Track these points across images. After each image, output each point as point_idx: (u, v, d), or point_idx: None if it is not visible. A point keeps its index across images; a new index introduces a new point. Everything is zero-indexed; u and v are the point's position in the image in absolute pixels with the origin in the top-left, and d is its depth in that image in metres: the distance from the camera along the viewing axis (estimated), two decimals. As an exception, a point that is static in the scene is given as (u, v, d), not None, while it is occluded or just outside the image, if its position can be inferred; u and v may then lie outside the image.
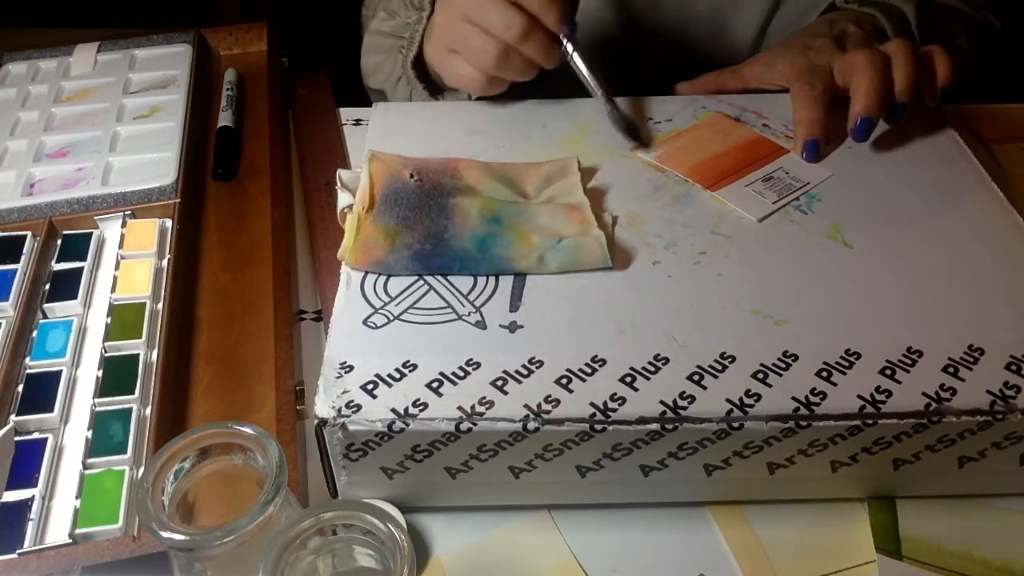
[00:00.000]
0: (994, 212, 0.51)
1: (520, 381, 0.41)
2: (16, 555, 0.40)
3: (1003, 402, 0.40)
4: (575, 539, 0.43)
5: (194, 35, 0.74)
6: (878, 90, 0.53)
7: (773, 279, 0.46)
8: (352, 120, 0.70)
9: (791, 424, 0.39)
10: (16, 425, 0.45)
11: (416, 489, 0.43)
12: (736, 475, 0.42)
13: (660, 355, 0.42)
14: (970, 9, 0.72)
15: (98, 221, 0.57)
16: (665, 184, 0.53)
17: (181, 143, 0.62)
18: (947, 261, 0.47)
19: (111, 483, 0.42)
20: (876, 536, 0.43)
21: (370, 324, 0.44)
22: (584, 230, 0.48)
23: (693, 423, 0.39)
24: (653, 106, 0.60)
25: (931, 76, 0.56)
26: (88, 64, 0.71)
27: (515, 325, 0.44)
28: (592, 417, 0.39)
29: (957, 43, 0.67)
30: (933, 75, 0.56)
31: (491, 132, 0.58)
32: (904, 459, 0.42)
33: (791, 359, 0.42)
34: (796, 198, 0.52)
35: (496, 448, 0.40)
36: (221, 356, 0.51)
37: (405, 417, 0.39)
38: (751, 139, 0.57)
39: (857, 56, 0.55)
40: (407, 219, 0.49)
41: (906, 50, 0.55)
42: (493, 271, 0.46)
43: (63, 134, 0.64)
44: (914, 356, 0.42)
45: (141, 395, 0.46)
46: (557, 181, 0.53)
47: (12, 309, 0.50)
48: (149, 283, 0.52)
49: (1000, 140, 0.68)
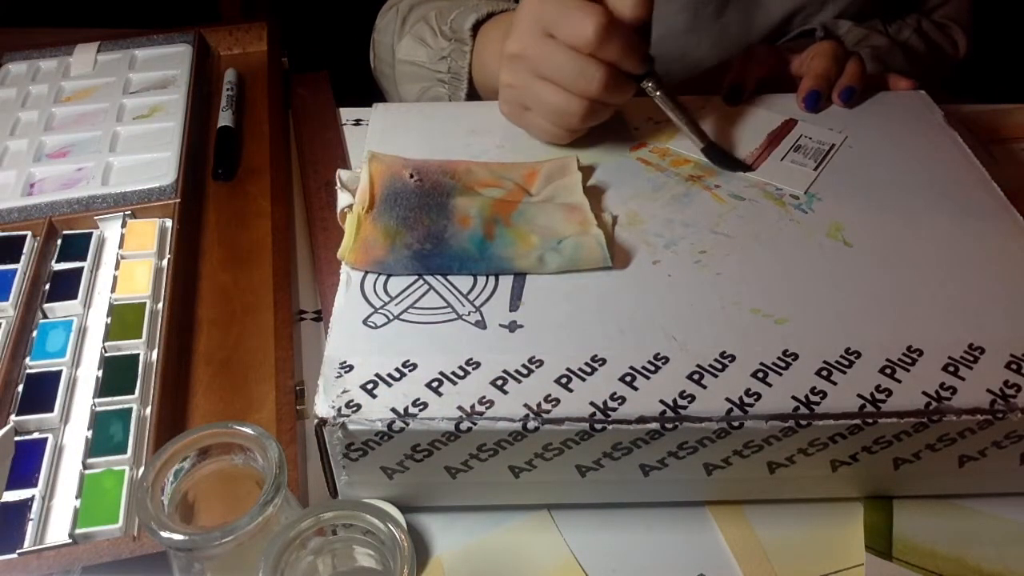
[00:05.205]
0: (994, 212, 0.51)
1: (520, 380, 0.41)
2: (16, 555, 0.40)
3: (1003, 401, 0.40)
4: (575, 539, 0.43)
5: (194, 35, 0.74)
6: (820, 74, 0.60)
7: (773, 278, 0.46)
8: (352, 120, 0.70)
9: (791, 423, 0.39)
10: (16, 425, 0.45)
11: (416, 489, 0.43)
12: (736, 474, 0.42)
13: (660, 354, 0.42)
14: (936, 38, 0.77)
15: (98, 221, 0.57)
16: (665, 183, 0.53)
17: (181, 143, 0.62)
18: (947, 260, 0.47)
19: (111, 483, 0.42)
20: (867, 536, 0.43)
21: (370, 324, 0.44)
22: (584, 230, 0.48)
23: (693, 422, 0.39)
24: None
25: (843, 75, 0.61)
26: (88, 64, 0.71)
27: (515, 325, 0.44)
28: (592, 416, 0.39)
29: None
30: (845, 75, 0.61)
31: (491, 132, 0.58)
32: (904, 458, 0.42)
33: (791, 358, 0.42)
34: (830, 160, 0.55)
35: (496, 448, 0.40)
36: (221, 356, 0.51)
37: (405, 417, 0.39)
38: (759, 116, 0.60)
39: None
40: (407, 219, 0.49)
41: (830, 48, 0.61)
42: (493, 271, 0.46)
43: (63, 134, 0.64)
44: (914, 355, 0.42)
45: (141, 395, 0.46)
46: (556, 180, 0.53)
47: (12, 309, 0.50)
48: (149, 283, 0.52)
49: (1000, 140, 0.69)
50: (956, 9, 0.80)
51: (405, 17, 0.72)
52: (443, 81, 0.67)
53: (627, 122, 0.58)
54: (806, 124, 0.59)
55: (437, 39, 0.67)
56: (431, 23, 0.68)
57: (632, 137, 0.57)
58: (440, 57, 0.66)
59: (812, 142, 0.57)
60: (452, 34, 0.65)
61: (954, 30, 0.79)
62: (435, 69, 0.67)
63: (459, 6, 0.67)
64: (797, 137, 0.57)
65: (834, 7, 0.72)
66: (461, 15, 0.65)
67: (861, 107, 0.60)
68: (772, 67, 0.63)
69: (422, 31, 0.69)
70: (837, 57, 0.61)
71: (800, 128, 0.58)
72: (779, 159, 0.55)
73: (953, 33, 0.79)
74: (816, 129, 0.58)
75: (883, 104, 0.61)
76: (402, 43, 0.71)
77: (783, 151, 0.56)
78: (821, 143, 0.57)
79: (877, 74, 0.64)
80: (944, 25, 0.79)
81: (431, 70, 0.68)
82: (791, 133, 0.58)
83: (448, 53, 0.66)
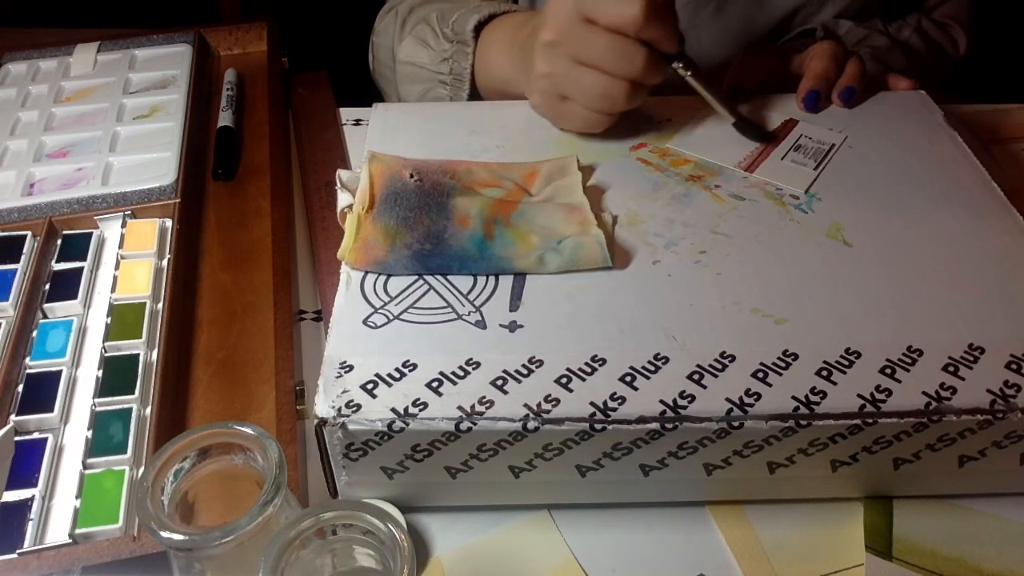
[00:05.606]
0: (994, 212, 0.51)
1: (520, 380, 0.41)
2: (16, 555, 0.40)
3: (1003, 401, 0.40)
4: (575, 539, 0.43)
5: (194, 35, 0.74)
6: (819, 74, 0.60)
7: (773, 278, 0.46)
8: (352, 120, 0.70)
9: (791, 423, 0.39)
10: (16, 425, 0.45)
11: (416, 489, 0.43)
12: (736, 474, 0.42)
13: (660, 354, 0.42)
14: (936, 36, 0.77)
15: (98, 221, 0.57)
16: (665, 183, 0.53)
17: (181, 143, 0.62)
18: (947, 260, 0.47)
19: (111, 483, 0.42)
20: (867, 535, 0.43)
21: (370, 324, 0.44)
22: (584, 230, 0.48)
23: (693, 422, 0.39)
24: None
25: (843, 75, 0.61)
26: (88, 64, 0.71)
27: (515, 325, 0.44)
28: (592, 416, 0.39)
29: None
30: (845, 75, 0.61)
31: (491, 132, 0.58)
32: (904, 458, 0.42)
33: (791, 358, 0.42)
34: (830, 160, 0.55)
35: (496, 448, 0.40)
36: (221, 356, 0.51)
37: (405, 417, 0.39)
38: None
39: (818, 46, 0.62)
40: (407, 219, 0.49)
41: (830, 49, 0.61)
42: (493, 271, 0.46)
43: (63, 134, 0.64)
44: (914, 355, 0.42)
45: (141, 395, 0.46)
46: (556, 180, 0.53)
47: (12, 309, 0.50)
48: (149, 283, 0.52)
49: (1000, 140, 0.69)
50: (956, 8, 0.80)
51: (405, 19, 0.72)
52: (445, 83, 0.67)
53: (627, 122, 0.58)
54: (806, 124, 0.59)
55: (439, 40, 0.67)
56: (432, 25, 0.68)
57: (632, 137, 0.57)
58: (442, 59, 0.66)
59: (812, 142, 0.57)
60: (454, 35, 0.65)
61: (954, 29, 0.79)
62: (437, 71, 0.67)
63: (460, 7, 0.67)
64: (797, 137, 0.57)
65: (834, 6, 0.72)
66: (463, 16, 0.65)
67: (861, 107, 0.61)
68: (772, 67, 0.63)
69: (423, 32, 0.69)
70: (837, 57, 0.61)
71: (800, 128, 0.58)
72: (779, 159, 0.55)
73: (953, 32, 0.79)
74: (816, 129, 0.58)
75: (883, 104, 0.61)
76: (403, 45, 0.70)
77: (783, 151, 0.56)
78: (821, 143, 0.57)
79: (877, 74, 0.64)
80: (944, 24, 0.79)
81: (433, 71, 0.68)
82: (791, 133, 0.58)
83: (450, 55, 0.65)
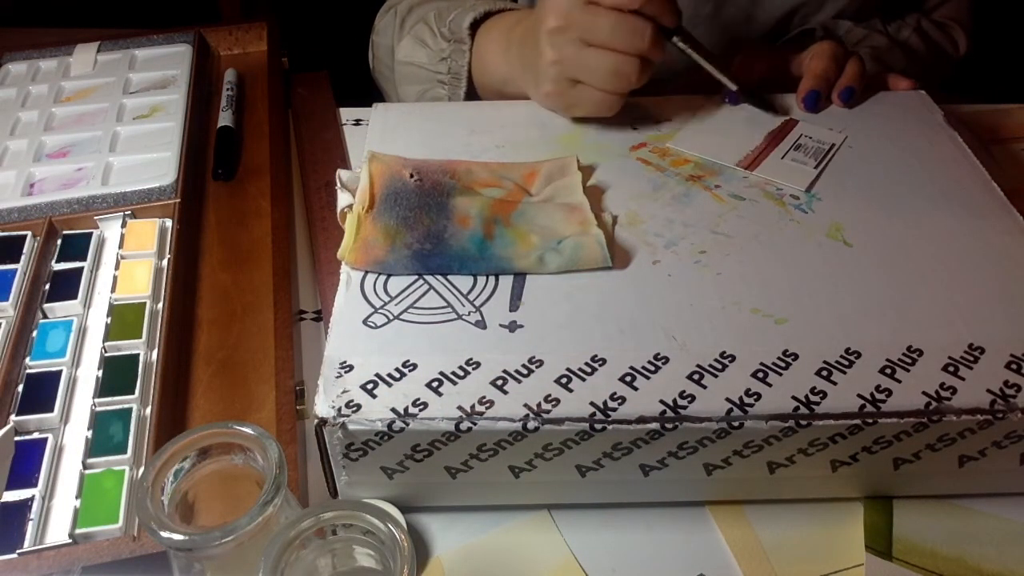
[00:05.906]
0: (994, 212, 0.51)
1: (520, 380, 0.41)
2: (16, 555, 0.40)
3: (1003, 401, 0.40)
4: (575, 539, 0.43)
5: (194, 35, 0.74)
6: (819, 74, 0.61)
7: (773, 278, 0.46)
8: (352, 120, 0.70)
9: (791, 423, 0.39)
10: (16, 425, 0.45)
11: (416, 489, 0.43)
12: (736, 474, 0.42)
13: (660, 354, 0.42)
14: (936, 37, 0.77)
15: (98, 221, 0.57)
16: (665, 183, 0.53)
17: (181, 143, 0.62)
18: (947, 260, 0.47)
19: (111, 483, 0.42)
20: (867, 535, 0.43)
21: (370, 324, 0.44)
22: (584, 230, 0.48)
23: (693, 422, 0.39)
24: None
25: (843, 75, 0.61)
26: (88, 64, 0.71)
27: (515, 325, 0.44)
28: (592, 416, 0.39)
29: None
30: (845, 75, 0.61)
31: (491, 132, 0.58)
32: (904, 458, 0.42)
33: (791, 358, 0.42)
34: (830, 160, 0.55)
35: (496, 448, 0.40)
36: (221, 356, 0.51)
37: (405, 417, 0.39)
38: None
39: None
40: (407, 219, 0.49)
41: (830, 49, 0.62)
42: (493, 271, 0.46)
43: (63, 134, 0.64)
44: (914, 355, 0.42)
45: (141, 395, 0.46)
46: (556, 180, 0.53)
47: (12, 309, 0.50)
48: (149, 283, 0.52)
49: (1000, 140, 0.69)
50: (956, 8, 0.80)
51: (404, 18, 0.72)
52: (443, 82, 0.67)
53: (627, 122, 0.58)
54: (806, 124, 0.59)
55: (436, 40, 0.67)
56: (430, 24, 0.68)
57: (632, 137, 0.57)
58: (440, 58, 0.66)
59: (812, 142, 0.57)
60: (451, 35, 0.65)
61: (954, 29, 0.79)
62: (435, 70, 0.67)
63: (458, 6, 0.66)
64: (797, 137, 0.57)
65: (833, 6, 0.72)
66: (459, 15, 0.65)
67: (861, 107, 0.61)
68: (772, 67, 0.63)
69: (421, 32, 0.69)
70: (836, 57, 0.61)
71: (800, 128, 0.58)
72: (779, 159, 0.55)
73: (953, 32, 0.79)
74: (816, 129, 0.58)
75: (883, 104, 0.61)
76: (401, 44, 0.70)
77: (783, 151, 0.56)
78: (821, 143, 0.57)
79: (877, 74, 0.64)
80: (944, 24, 0.79)
81: (431, 71, 0.67)
82: (791, 133, 0.58)
83: (448, 54, 0.65)
